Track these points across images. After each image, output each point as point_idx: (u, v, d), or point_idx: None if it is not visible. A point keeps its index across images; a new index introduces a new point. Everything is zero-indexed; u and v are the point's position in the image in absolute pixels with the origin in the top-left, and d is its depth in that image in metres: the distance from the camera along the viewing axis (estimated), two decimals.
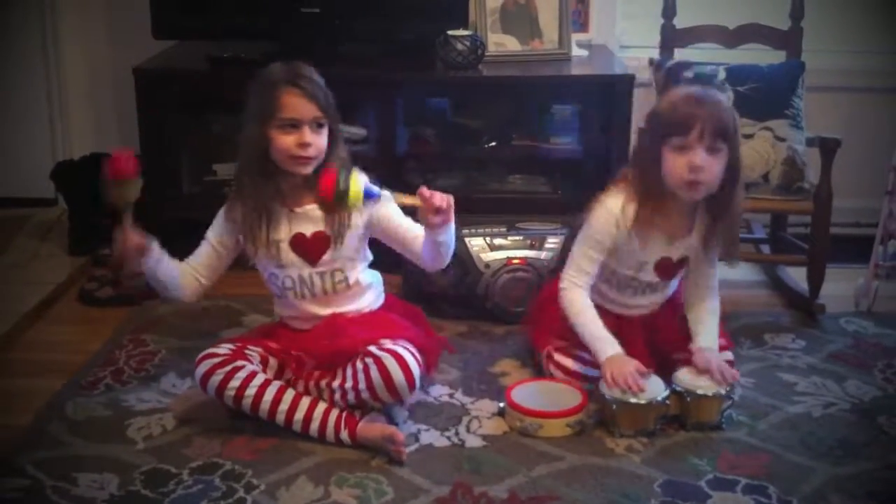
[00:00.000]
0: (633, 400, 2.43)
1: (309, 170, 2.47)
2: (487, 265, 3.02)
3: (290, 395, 2.42)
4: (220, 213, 2.58)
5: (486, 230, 3.08)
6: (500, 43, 3.59)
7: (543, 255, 3.02)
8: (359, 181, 2.35)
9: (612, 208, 2.54)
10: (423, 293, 3.02)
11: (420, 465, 2.33)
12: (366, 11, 3.47)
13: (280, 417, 2.40)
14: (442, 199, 2.35)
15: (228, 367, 2.41)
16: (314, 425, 2.40)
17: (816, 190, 3.08)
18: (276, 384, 2.42)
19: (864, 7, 3.78)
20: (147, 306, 3.15)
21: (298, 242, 2.51)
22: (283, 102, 2.43)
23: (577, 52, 3.62)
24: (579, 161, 3.51)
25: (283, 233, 2.51)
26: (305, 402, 2.41)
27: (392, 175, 3.35)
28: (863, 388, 2.69)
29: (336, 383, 2.42)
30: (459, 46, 3.39)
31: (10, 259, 3.49)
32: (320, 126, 2.46)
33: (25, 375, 2.76)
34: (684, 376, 2.51)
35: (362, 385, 2.38)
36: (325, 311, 2.54)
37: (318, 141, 2.45)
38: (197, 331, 2.96)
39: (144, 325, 3.02)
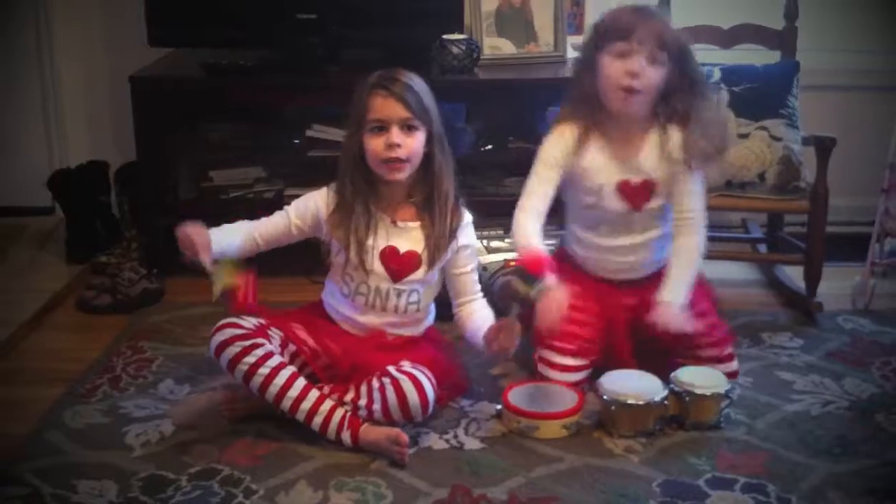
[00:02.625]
0: (631, 401, 2.43)
1: (402, 175, 2.46)
2: (485, 268, 3.03)
3: (300, 383, 2.40)
4: (311, 198, 2.55)
5: (483, 233, 3.08)
6: (496, 46, 3.60)
7: None
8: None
9: (554, 129, 2.57)
10: None
11: (419, 468, 2.33)
12: (361, 17, 3.48)
13: (286, 404, 2.39)
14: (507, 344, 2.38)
15: (248, 343, 2.39)
16: (318, 419, 2.39)
17: (812, 189, 3.08)
18: (289, 369, 2.41)
19: (858, 6, 3.78)
20: (144, 313, 3.15)
21: (390, 255, 2.51)
22: (370, 104, 2.44)
23: (572, 54, 3.62)
24: None
25: (378, 241, 2.50)
26: (314, 394, 2.40)
27: None
28: (861, 386, 2.69)
29: (349, 397, 2.42)
30: (455, 50, 3.39)
31: (8, 268, 3.49)
32: (411, 128, 2.45)
33: (24, 383, 2.76)
34: (682, 376, 2.51)
35: (377, 405, 2.39)
36: (381, 326, 2.55)
37: (410, 143, 2.45)
38: (195, 338, 2.96)
39: (142, 333, 3.02)
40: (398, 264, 2.51)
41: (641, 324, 2.56)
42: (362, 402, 2.40)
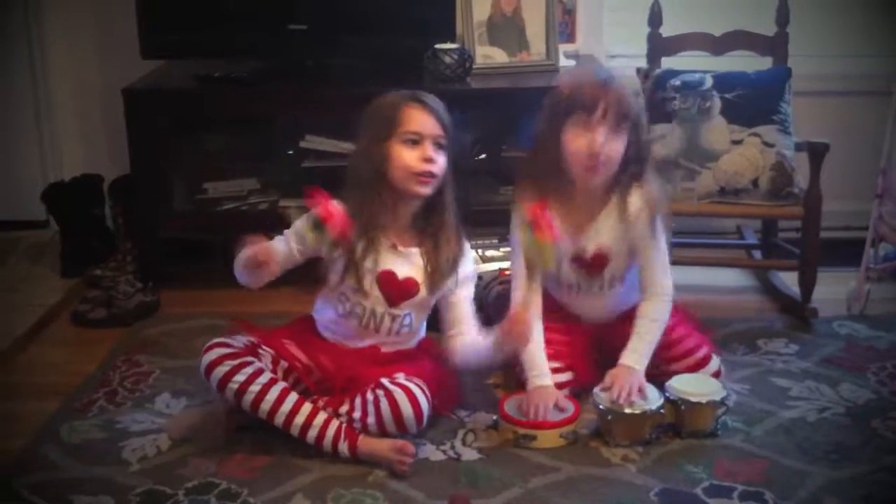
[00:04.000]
0: (627, 410, 2.44)
1: (428, 190, 2.46)
2: (479, 277, 3.02)
3: (292, 398, 2.39)
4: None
5: (478, 242, 3.08)
6: (488, 55, 3.60)
7: None
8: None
9: (517, 208, 2.58)
10: None
11: (416, 480, 2.33)
12: (353, 27, 3.48)
13: (279, 419, 2.38)
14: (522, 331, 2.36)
15: (237, 361, 2.39)
16: (312, 432, 2.38)
17: (806, 194, 3.09)
18: (280, 384, 2.40)
19: (849, 11, 3.80)
20: (140, 327, 3.15)
21: (387, 280, 2.50)
22: (406, 116, 2.44)
23: (564, 62, 3.64)
24: None
25: (377, 264, 2.48)
26: (307, 407, 2.40)
27: None
28: (857, 392, 2.70)
29: (343, 409, 2.41)
30: (447, 60, 3.40)
31: (2, 282, 3.48)
32: (440, 147, 2.46)
33: (19, 398, 2.75)
34: (678, 385, 2.51)
35: (371, 418, 2.38)
36: (374, 343, 2.54)
37: (441, 160, 2.45)
38: (191, 351, 2.95)
39: (138, 346, 3.01)
40: (396, 289, 2.51)
41: (608, 348, 2.61)
42: (357, 414, 2.40)
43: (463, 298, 2.56)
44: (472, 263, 2.60)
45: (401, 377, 2.42)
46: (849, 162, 3.43)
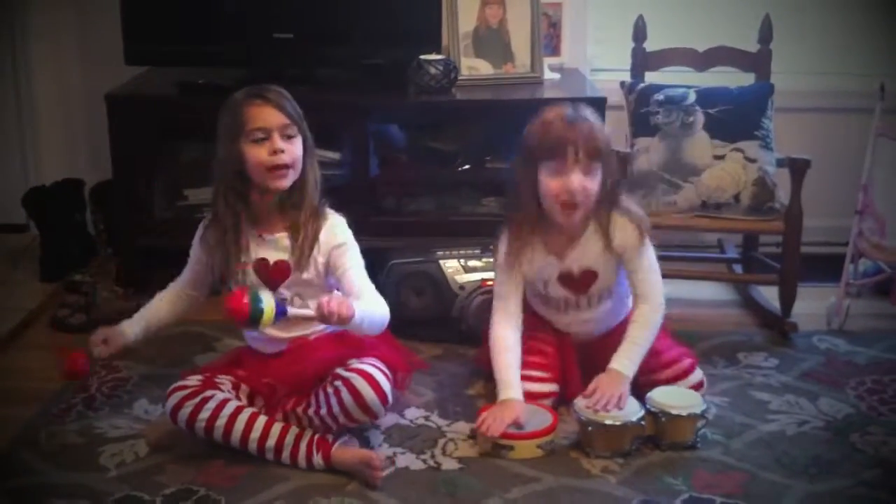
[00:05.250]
0: (608, 421, 2.44)
1: (287, 183, 2.47)
2: (462, 287, 3.03)
3: (261, 421, 2.40)
4: (197, 235, 2.60)
5: (461, 252, 3.08)
6: (473, 67, 3.61)
7: None
8: (271, 301, 2.31)
9: (502, 238, 2.63)
10: (398, 316, 3.01)
11: (396, 489, 2.32)
12: (339, 37, 3.49)
13: (252, 446, 2.39)
14: (331, 308, 2.28)
15: (198, 399, 2.40)
16: (286, 452, 2.39)
17: (787, 210, 3.11)
18: (247, 411, 2.41)
19: (831, 29, 3.82)
20: None
21: (262, 268, 2.52)
22: (249, 115, 2.45)
23: (549, 75, 3.65)
24: None
25: (250, 256, 2.52)
26: (277, 428, 2.40)
27: (365, 199, 3.36)
28: (836, 406, 2.71)
29: (311, 411, 2.41)
30: (432, 70, 3.40)
31: None
32: (290, 137, 2.47)
33: None
34: (658, 397, 2.51)
35: (336, 409, 2.36)
36: (288, 335, 2.53)
37: (292, 149, 2.47)
38: (170, 357, 2.94)
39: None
40: (270, 274, 2.51)
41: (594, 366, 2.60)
42: (323, 410, 2.38)
43: (347, 269, 2.50)
44: (342, 232, 2.53)
45: (354, 362, 2.41)
46: (829, 178, 3.45)
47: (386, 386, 2.39)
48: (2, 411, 2.68)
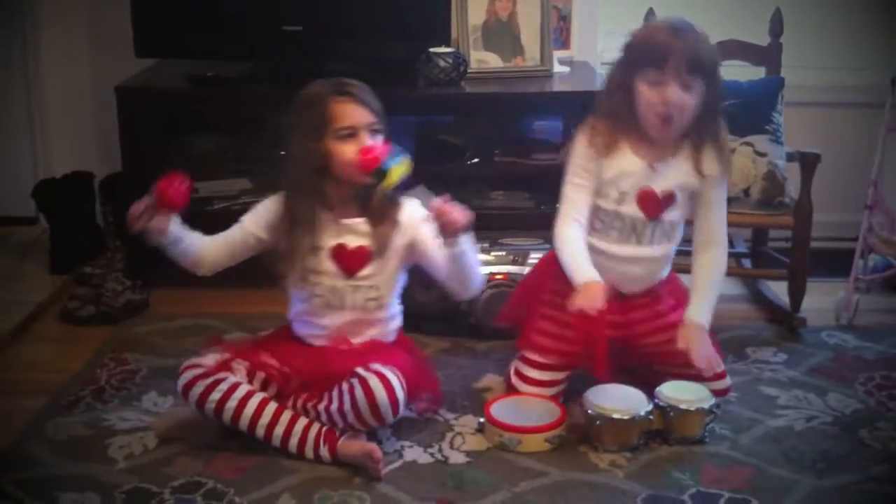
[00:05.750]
0: (616, 415, 2.44)
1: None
2: None
3: (271, 408, 2.40)
4: (263, 207, 2.55)
5: None
6: (483, 60, 3.61)
7: (526, 270, 3.01)
8: (404, 168, 2.34)
9: (585, 133, 2.54)
10: (407, 310, 3.01)
11: (403, 482, 2.32)
12: (348, 30, 3.48)
13: (260, 432, 2.39)
14: (454, 213, 2.32)
15: (210, 380, 2.39)
16: (293, 440, 2.39)
17: (797, 204, 3.10)
18: (258, 396, 2.41)
19: (842, 23, 3.81)
20: (128, 325, 3.14)
21: (339, 253, 2.50)
22: (336, 112, 2.43)
23: (558, 68, 3.64)
24: (561, 177, 3.51)
25: (326, 241, 2.49)
26: (286, 416, 2.40)
27: None
28: (844, 402, 2.70)
29: (322, 406, 2.41)
30: (442, 63, 3.40)
31: None
32: (375, 133, 2.45)
33: (6, 395, 2.74)
34: (667, 391, 2.51)
35: (347, 406, 2.36)
36: (344, 328, 2.53)
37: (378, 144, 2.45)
38: (178, 349, 2.95)
39: (126, 344, 3.01)
40: (348, 259, 2.50)
41: (630, 344, 2.58)
42: (334, 405, 2.38)
43: (430, 238, 2.48)
44: (419, 212, 2.52)
45: (375, 365, 2.40)
46: (839, 172, 3.45)
47: (400, 393, 2.38)
48: (11, 403, 2.69)
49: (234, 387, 2.40)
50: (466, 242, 2.40)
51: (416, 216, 2.52)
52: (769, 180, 3.13)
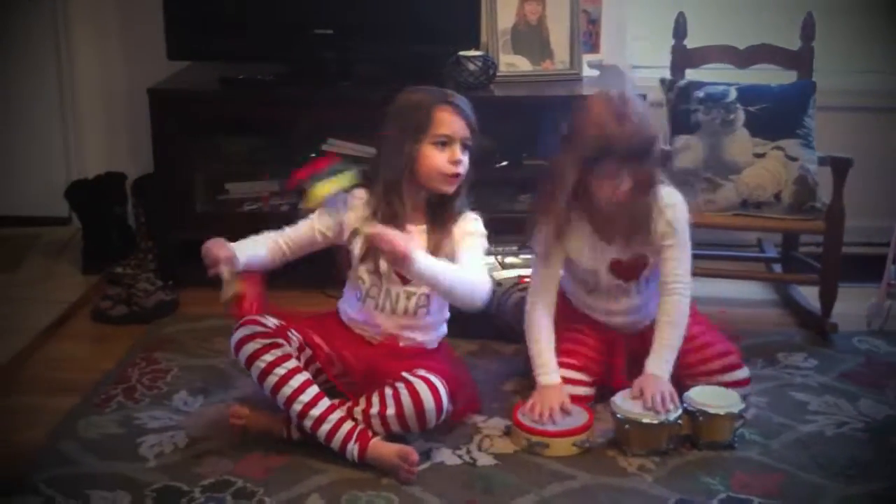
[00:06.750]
0: (645, 420, 2.43)
1: (452, 189, 2.51)
2: (499, 283, 3.03)
3: (313, 389, 2.40)
4: (338, 207, 2.57)
5: (498, 249, 3.08)
6: (512, 63, 3.61)
7: None
8: (329, 187, 2.39)
9: (542, 221, 2.59)
10: None
11: (431, 484, 2.33)
12: (378, 33, 3.50)
13: (296, 407, 2.38)
14: (383, 241, 2.33)
15: (269, 341, 2.40)
16: (326, 426, 2.38)
17: (828, 209, 3.08)
18: (304, 375, 2.41)
19: (874, 28, 3.78)
20: (159, 325, 3.16)
21: None
22: (438, 119, 2.48)
23: (588, 72, 3.64)
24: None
25: None
26: (325, 402, 2.40)
27: None
28: (875, 408, 2.68)
29: (359, 408, 2.41)
30: (471, 67, 3.41)
31: (24, 277, 3.51)
32: (466, 147, 2.50)
33: (38, 393, 2.77)
34: (696, 396, 2.50)
35: (391, 410, 2.38)
36: (393, 330, 2.55)
37: (466, 160, 2.50)
38: (209, 350, 2.97)
39: (157, 344, 3.03)
40: None
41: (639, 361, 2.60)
42: (374, 409, 2.39)
43: (464, 250, 2.51)
44: (474, 226, 2.56)
45: (421, 371, 2.42)
46: (871, 177, 3.42)
47: (445, 401, 2.40)
48: (43, 401, 2.71)
49: (286, 357, 2.40)
50: (422, 265, 2.36)
51: (464, 229, 2.54)
52: (800, 185, 3.11)
